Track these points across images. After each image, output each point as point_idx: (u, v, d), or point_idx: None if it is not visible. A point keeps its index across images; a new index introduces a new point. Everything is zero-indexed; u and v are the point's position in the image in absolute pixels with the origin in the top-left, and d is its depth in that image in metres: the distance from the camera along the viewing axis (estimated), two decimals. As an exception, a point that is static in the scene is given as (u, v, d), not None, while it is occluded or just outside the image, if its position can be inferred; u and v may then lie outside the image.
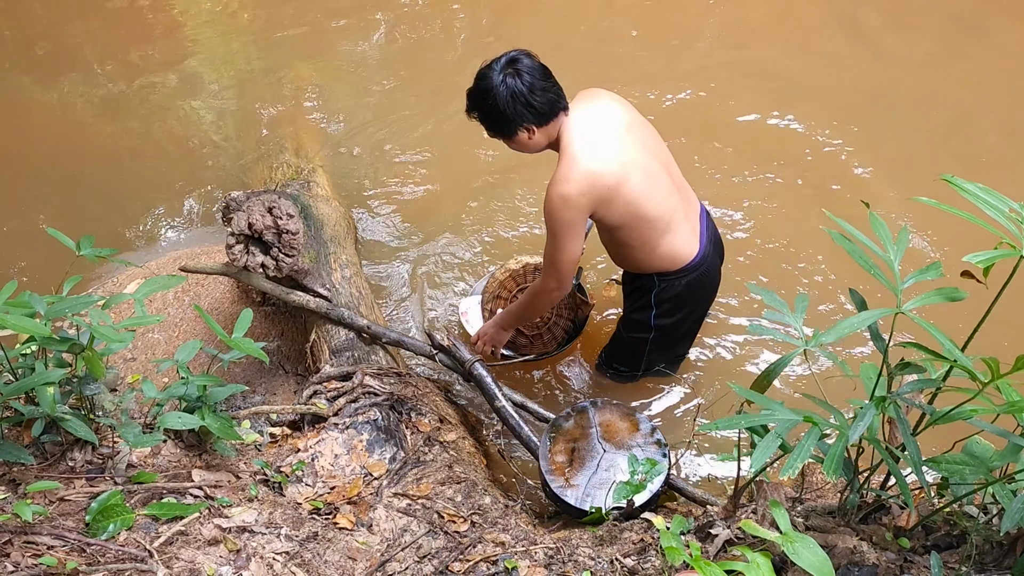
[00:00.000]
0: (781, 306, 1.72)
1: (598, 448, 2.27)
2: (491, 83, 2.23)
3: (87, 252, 2.12)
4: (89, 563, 1.59)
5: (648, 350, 2.73)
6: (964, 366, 1.36)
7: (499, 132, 2.33)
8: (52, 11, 5.27)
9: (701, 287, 2.59)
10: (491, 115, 2.29)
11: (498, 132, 2.33)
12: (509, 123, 2.28)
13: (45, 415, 1.83)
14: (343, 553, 1.90)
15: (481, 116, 2.33)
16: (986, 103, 4.19)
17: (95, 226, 3.76)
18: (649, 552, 1.84)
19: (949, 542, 1.65)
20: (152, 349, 2.93)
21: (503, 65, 2.24)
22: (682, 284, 2.53)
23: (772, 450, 1.45)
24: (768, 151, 3.96)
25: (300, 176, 3.58)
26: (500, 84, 2.22)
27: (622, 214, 2.33)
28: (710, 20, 4.89)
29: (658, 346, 2.72)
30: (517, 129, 2.29)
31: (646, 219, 2.36)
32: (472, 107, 2.33)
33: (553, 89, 2.28)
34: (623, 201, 2.30)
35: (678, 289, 2.53)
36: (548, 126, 2.29)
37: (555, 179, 2.27)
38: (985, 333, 1.46)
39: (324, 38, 4.99)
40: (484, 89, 2.26)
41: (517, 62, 2.24)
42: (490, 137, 2.38)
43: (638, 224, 2.37)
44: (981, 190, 1.47)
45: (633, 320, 2.70)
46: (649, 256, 2.47)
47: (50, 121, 4.49)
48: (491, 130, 2.34)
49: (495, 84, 2.23)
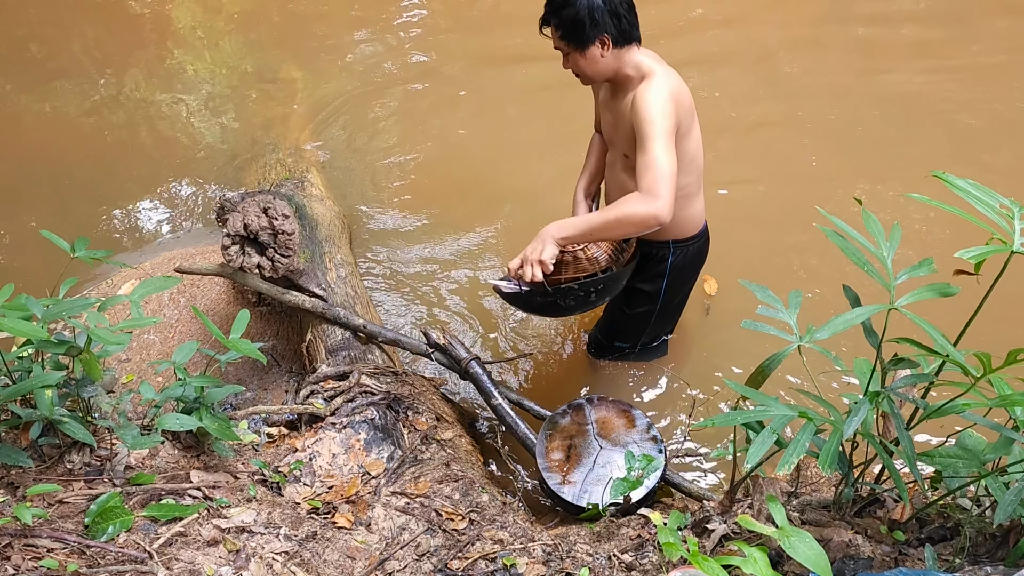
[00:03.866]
0: (775, 302, 1.73)
1: (595, 445, 2.28)
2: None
3: (82, 254, 2.12)
4: (89, 565, 1.60)
5: (653, 321, 2.75)
6: (957, 361, 1.37)
7: (574, 39, 2.18)
8: (44, 14, 5.25)
9: (704, 252, 2.63)
10: (575, 16, 2.14)
11: (573, 39, 2.18)
12: (591, 29, 2.15)
13: (43, 418, 1.83)
14: (342, 552, 1.91)
15: (562, 16, 2.17)
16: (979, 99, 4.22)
17: (87, 228, 3.76)
18: (646, 548, 1.85)
19: (943, 534, 1.66)
20: (147, 350, 2.93)
21: None
22: (693, 250, 2.55)
23: (768, 446, 1.46)
24: (760, 147, 3.99)
25: (294, 176, 3.59)
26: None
27: (684, 151, 2.27)
28: (699, 10, 4.91)
29: (661, 316, 2.73)
30: (596, 39, 2.17)
31: (697, 169, 2.37)
32: (553, 10, 2.18)
33: (635, 16, 2.23)
34: (693, 137, 2.29)
35: (691, 255, 2.56)
36: (622, 50, 2.22)
37: (652, 83, 2.17)
38: (976, 328, 1.48)
39: (316, 39, 4.99)
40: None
41: None
42: (556, 47, 2.25)
43: (689, 171, 2.33)
44: (972, 186, 1.49)
45: (640, 291, 2.65)
46: (680, 215, 2.39)
47: (41, 124, 4.48)
48: (566, 36, 2.19)
49: None
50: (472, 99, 4.41)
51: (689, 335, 3.12)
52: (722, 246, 2.80)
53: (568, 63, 2.27)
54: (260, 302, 3.06)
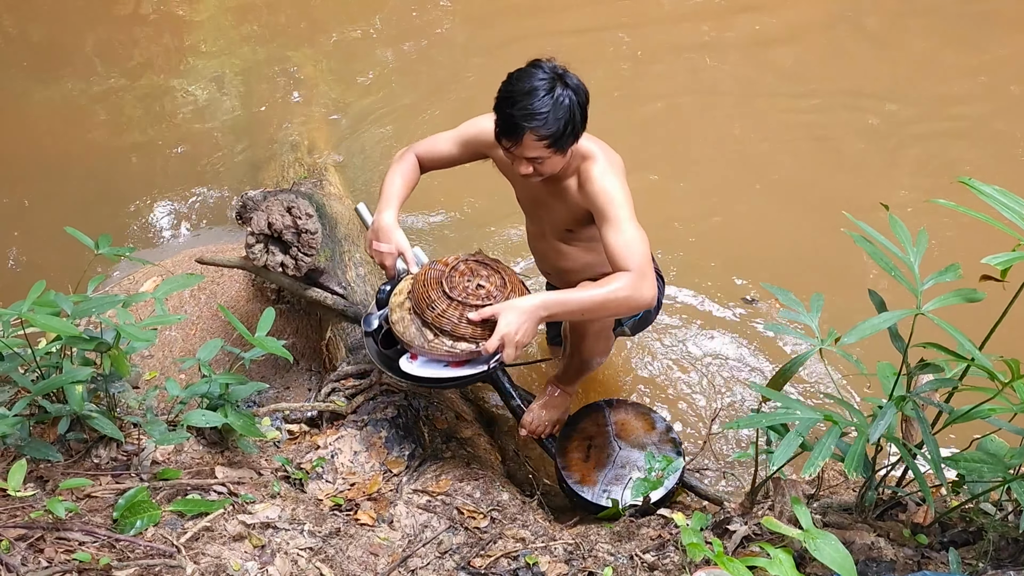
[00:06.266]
0: (797, 305, 1.74)
1: (614, 446, 2.29)
2: (568, 93, 1.98)
3: (106, 250, 2.14)
4: (120, 559, 1.62)
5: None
6: (984, 366, 1.38)
7: (562, 144, 2.02)
8: (57, 11, 5.29)
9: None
10: (567, 119, 1.98)
11: (561, 144, 2.02)
12: (580, 127, 2.04)
13: (72, 413, 1.86)
14: (365, 549, 1.93)
15: (553, 127, 1.98)
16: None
17: (104, 227, 3.77)
18: (667, 548, 1.86)
19: (965, 538, 1.67)
20: (169, 347, 2.96)
21: (551, 75, 1.99)
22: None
23: (793, 448, 1.47)
24: (781, 150, 4.00)
25: (312, 174, 3.61)
26: (575, 89, 2.00)
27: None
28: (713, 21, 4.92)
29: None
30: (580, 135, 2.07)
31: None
32: (542, 121, 1.97)
33: None
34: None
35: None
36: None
37: (599, 165, 2.09)
38: (1000, 334, 1.49)
39: (335, 36, 5.01)
40: (567, 101, 1.97)
41: (565, 75, 2.01)
42: (530, 156, 2.03)
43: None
44: (998, 192, 1.49)
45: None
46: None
47: (56, 122, 4.52)
48: (555, 144, 2.00)
49: (573, 89, 1.99)
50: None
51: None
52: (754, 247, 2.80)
53: (537, 168, 2.06)
54: (279, 300, 3.08)
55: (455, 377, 2.07)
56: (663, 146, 4.11)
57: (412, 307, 2.09)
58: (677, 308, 3.29)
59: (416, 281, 2.12)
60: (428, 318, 2.04)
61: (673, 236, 3.57)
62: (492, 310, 2.01)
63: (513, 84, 2.00)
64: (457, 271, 2.12)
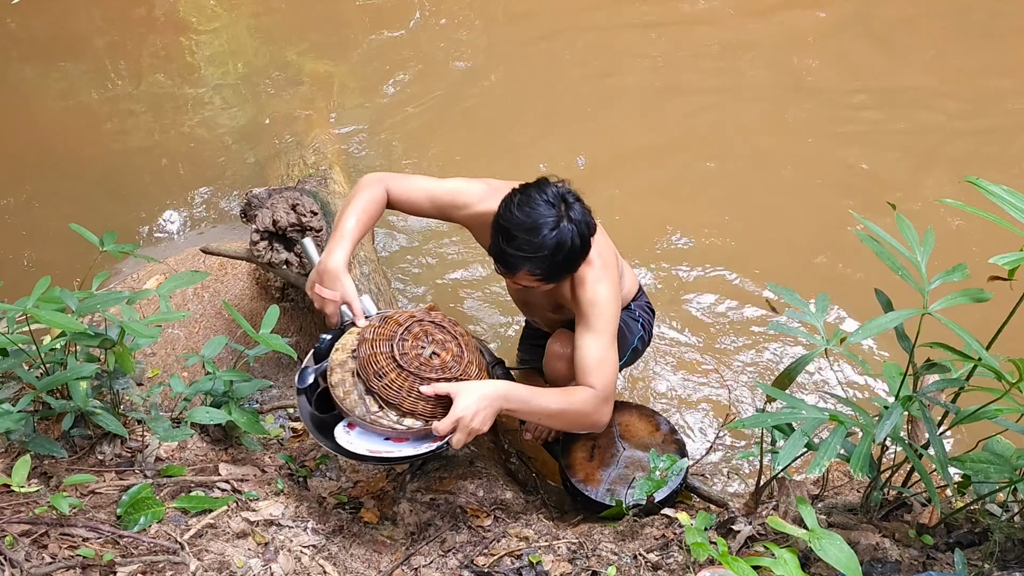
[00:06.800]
0: (802, 305, 1.74)
1: (618, 446, 2.29)
2: (571, 228, 1.89)
3: (110, 248, 2.14)
4: (123, 555, 1.62)
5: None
6: (991, 366, 1.38)
7: (562, 278, 2.00)
8: (63, 10, 5.30)
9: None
10: (571, 262, 1.95)
11: (562, 279, 2.00)
12: (578, 265, 1.99)
13: (76, 409, 1.86)
14: (368, 546, 1.93)
15: (556, 270, 1.93)
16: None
17: (109, 224, 3.77)
18: (671, 548, 1.86)
19: (971, 539, 1.67)
20: (172, 344, 2.96)
21: (557, 207, 1.89)
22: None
23: (799, 448, 1.47)
24: (786, 151, 3.99)
25: (316, 172, 3.61)
26: (578, 221, 1.91)
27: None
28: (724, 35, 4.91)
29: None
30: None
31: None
32: (554, 271, 1.92)
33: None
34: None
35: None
36: None
37: (594, 273, 2.03)
38: (1007, 334, 1.48)
39: (338, 35, 5.01)
40: (569, 239, 1.89)
41: (571, 205, 1.92)
42: (538, 285, 1.99)
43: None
44: (1006, 192, 1.49)
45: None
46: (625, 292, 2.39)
47: (61, 120, 4.53)
48: (548, 279, 1.96)
49: (576, 222, 1.91)
50: (500, 99, 4.41)
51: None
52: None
53: (523, 283, 2.02)
54: (283, 298, 3.08)
55: (399, 457, 1.85)
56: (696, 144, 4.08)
57: (356, 370, 1.88)
58: (690, 309, 3.29)
59: (363, 341, 1.90)
60: (374, 386, 1.84)
61: (707, 224, 3.60)
62: (449, 388, 1.82)
63: (515, 215, 1.88)
64: (411, 333, 1.93)
